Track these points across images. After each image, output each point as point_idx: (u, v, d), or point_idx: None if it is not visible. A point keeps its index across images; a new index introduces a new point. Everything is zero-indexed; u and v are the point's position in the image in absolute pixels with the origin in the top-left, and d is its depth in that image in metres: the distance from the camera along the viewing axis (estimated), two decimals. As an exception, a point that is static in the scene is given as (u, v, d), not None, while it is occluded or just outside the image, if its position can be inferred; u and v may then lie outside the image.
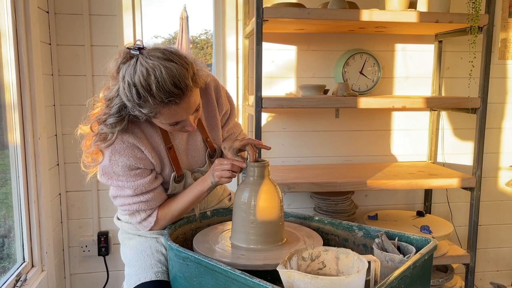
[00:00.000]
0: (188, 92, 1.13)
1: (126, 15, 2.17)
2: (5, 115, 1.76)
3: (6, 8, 1.71)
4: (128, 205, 1.29)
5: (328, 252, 1.08)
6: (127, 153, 1.24)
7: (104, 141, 1.21)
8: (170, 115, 1.15)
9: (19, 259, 1.87)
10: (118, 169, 1.24)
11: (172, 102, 1.11)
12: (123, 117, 1.20)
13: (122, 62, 1.16)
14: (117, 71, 1.18)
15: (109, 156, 1.24)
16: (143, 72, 1.09)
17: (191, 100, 1.16)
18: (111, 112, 1.19)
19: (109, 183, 1.29)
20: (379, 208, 2.53)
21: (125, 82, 1.13)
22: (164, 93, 1.09)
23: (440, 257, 2.13)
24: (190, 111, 1.18)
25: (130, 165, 1.24)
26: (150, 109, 1.13)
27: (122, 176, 1.25)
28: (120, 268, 2.35)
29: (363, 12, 1.94)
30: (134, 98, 1.11)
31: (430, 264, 1.16)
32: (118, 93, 1.17)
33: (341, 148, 2.45)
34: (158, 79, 1.08)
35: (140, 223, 1.32)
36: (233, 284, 1.00)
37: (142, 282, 1.26)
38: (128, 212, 1.31)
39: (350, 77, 2.33)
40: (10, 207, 1.83)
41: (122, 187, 1.27)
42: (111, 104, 1.19)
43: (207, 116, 1.40)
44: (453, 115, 2.49)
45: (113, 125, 1.20)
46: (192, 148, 1.38)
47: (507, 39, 2.47)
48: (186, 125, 1.21)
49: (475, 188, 2.11)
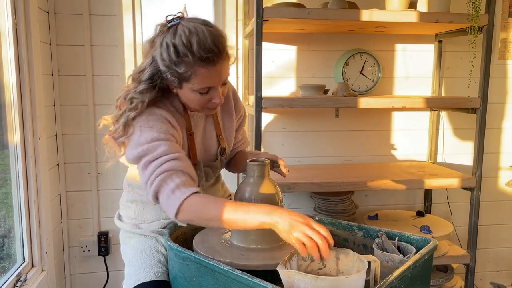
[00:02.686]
0: (225, 55, 1.17)
1: (126, 15, 2.17)
2: (5, 115, 1.76)
3: (6, 8, 1.72)
4: (162, 165, 1.13)
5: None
6: (160, 120, 1.19)
7: (134, 110, 1.18)
8: (204, 77, 1.16)
9: (19, 259, 1.87)
10: (151, 131, 1.16)
11: (210, 60, 1.13)
12: (154, 84, 1.20)
13: (157, 35, 1.19)
14: (151, 45, 1.20)
15: (139, 125, 1.18)
16: (185, 32, 1.13)
17: (225, 66, 1.19)
18: (142, 79, 1.19)
19: (139, 151, 1.16)
20: (379, 208, 2.53)
21: (162, 45, 1.15)
22: (204, 49, 1.12)
23: (440, 257, 2.13)
24: (222, 78, 1.20)
25: (166, 130, 1.18)
26: (187, 67, 1.14)
27: (155, 135, 1.16)
28: (120, 268, 2.35)
29: (363, 12, 1.94)
30: (172, 57, 1.13)
31: (430, 264, 1.16)
32: (152, 61, 1.18)
33: (341, 148, 2.45)
34: (199, 37, 1.12)
35: (178, 188, 1.10)
36: (233, 284, 1.00)
37: (142, 282, 1.26)
38: (161, 175, 1.12)
39: (350, 77, 2.33)
40: (10, 207, 1.83)
41: (156, 149, 1.15)
42: (141, 76, 1.19)
43: (223, 116, 1.44)
44: (453, 115, 2.49)
45: (143, 91, 1.19)
46: (207, 141, 1.40)
47: (507, 39, 2.47)
48: (215, 96, 1.21)
49: (475, 188, 2.11)
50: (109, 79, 2.21)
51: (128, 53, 2.19)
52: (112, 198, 2.29)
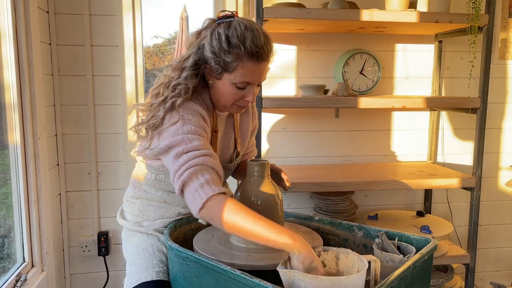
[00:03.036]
0: (270, 57, 1.24)
1: (126, 15, 2.17)
2: (5, 115, 1.76)
3: (6, 8, 1.71)
4: (194, 159, 1.13)
5: (328, 252, 1.08)
6: (196, 115, 1.22)
7: (179, 96, 1.21)
8: (248, 71, 1.21)
9: (19, 259, 1.87)
10: (188, 126, 1.18)
11: (259, 56, 1.19)
12: (197, 72, 1.24)
13: (205, 28, 1.24)
14: (197, 36, 1.25)
15: (182, 113, 1.20)
16: (241, 26, 1.19)
17: (266, 68, 1.25)
18: (186, 66, 1.23)
19: (171, 140, 1.17)
20: (379, 208, 2.53)
21: (214, 34, 1.20)
22: (255, 45, 1.18)
23: (440, 257, 2.13)
24: (262, 77, 1.25)
25: (202, 125, 1.22)
26: (235, 58, 1.18)
27: (191, 129, 1.18)
28: (120, 268, 2.35)
29: (363, 12, 1.94)
30: (223, 46, 1.18)
31: (430, 264, 1.16)
32: (197, 49, 1.23)
33: (341, 148, 2.45)
34: (254, 33, 1.19)
35: (208, 184, 1.10)
36: (233, 284, 1.00)
37: (143, 281, 1.26)
38: (192, 168, 1.12)
39: (350, 77, 2.33)
40: (10, 207, 1.83)
41: (191, 140, 1.16)
42: (185, 63, 1.23)
43: (242, 121, 1.48)
44: (453, 115, 2.49)
45: (187, 77, 1.22)
46: (226, 143, 1.43)
47: (507, 39, 2.47)
48: (249, 93, 1.25)
49: (475, 188, 2.11)
50: (109, 79, 2.21)
51: (128, 53, 2.19)
52: (112, 198, 2.29)
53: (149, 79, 2.33)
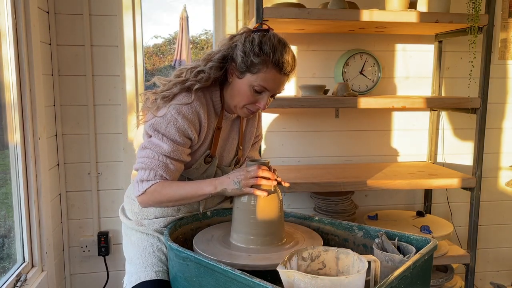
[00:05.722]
0: (291, 74, 1.32)
1: (126, 15, 2.17)
2: (5, 115, 1.76)
3: (6, 8, 1.72)
4: (151, 160, 1.25)
5: (328, 252, 1.08)
6: (189, 119, 1.27)
7: (199, 82, 1.28)
8: (269, 78, 1.27)
9: (19, 259, 1.87)
10: (171, 128, 1.26)
11: (282, 68, 1.27)
12: (222, 66, 1.31)
13: (239, 34, 1.32)
14: (231, 39, 1.33)
15: (174, 111, 1.26)
16: (275, 38, 1.29)
17: (285, 81, 1.32)
18: (214, 58, 1.30)
19: (152, 132, 1.27)
20: (379, 208, 2.53)
21: (248, 38, 1.28)
22: (283, 58, 1.27)
23: (440, 257, 2.13)
24: (279, 88, 1.32)
25: (185, 131, 1.27)
26: (262, 62, 1.25)
27: (171, 133, 1.26)
28: (120, 268, 2.35)
29: (363, 12, 1.94)
30: (254, 48, 1.26)
31: (430, 264, 1.16)
32: (229, 47, 1.30)
33: (341, 148, 2.45)
34: (285, 49, 1.29)
35: (142, 181, 1.26)
36: (233, 284, 1.00)
37: (143, 280, 1.26)
38: (143, 165, 1.26)
39: (350, 77, 2.33)
40: (10, 207, 1.83)
41: (162, 143, 1.26)
42: (214, 56, 1.30)
43: (247, 129, 1.49)
44: (453, 115, 2.49)
45: (212, 67, 1.29)
46: (228, 146, 1.44)
47: (507, 39, 2.47)
48: (263, 100, 1.31)
49: (475, 188, 2.11)
50: (109, 79, 2.21)
51: (128, 53, 2.19)
52: (112, 198, 2.29)
53: (149, 79, 2.33)
